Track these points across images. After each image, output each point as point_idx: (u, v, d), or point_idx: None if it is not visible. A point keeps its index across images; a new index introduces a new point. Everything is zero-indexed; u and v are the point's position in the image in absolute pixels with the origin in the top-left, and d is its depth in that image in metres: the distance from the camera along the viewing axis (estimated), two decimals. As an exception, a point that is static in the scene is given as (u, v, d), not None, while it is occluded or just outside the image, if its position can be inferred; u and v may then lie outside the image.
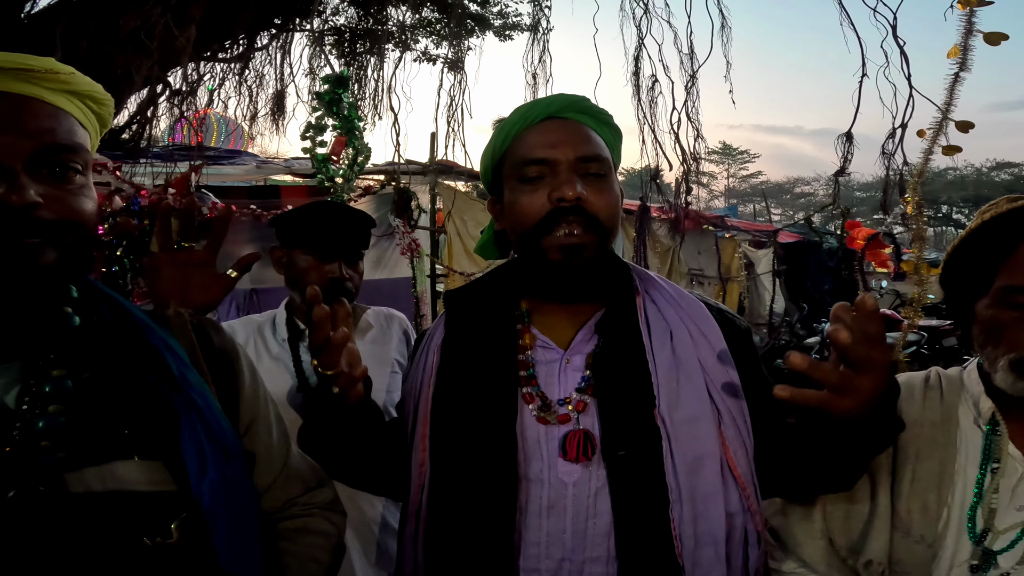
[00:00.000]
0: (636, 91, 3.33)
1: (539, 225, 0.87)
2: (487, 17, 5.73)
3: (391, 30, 5.12)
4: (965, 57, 1.62)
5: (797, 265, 9.13)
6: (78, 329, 0.67)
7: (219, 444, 0.68)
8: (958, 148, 1.73)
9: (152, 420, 0.66)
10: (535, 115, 0.92)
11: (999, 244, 0.87)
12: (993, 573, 0.89)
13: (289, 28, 4.72)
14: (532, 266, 0.92)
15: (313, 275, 1.45)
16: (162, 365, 0.68)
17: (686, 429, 0.86)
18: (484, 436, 0.87)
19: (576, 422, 0.87)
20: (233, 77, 5.32)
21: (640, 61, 3.31)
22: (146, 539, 0.61)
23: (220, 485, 0.66)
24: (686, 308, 0.94)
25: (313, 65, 4.97)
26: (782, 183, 46.82)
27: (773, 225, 9.78)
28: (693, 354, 0.89)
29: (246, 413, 0.79)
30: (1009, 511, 0.90)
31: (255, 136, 6.14)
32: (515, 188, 0.90)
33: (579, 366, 0.91)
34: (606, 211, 0.88)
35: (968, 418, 0.95)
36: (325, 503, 0.87)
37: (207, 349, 0.77)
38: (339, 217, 1.52)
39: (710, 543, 0.84)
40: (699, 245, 7.39)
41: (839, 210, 6.25)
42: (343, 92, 3.45)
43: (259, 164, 5.41)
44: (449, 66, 4.35)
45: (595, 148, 0.90)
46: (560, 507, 0.85)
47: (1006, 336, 0.86)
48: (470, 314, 0.97)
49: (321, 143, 3.54)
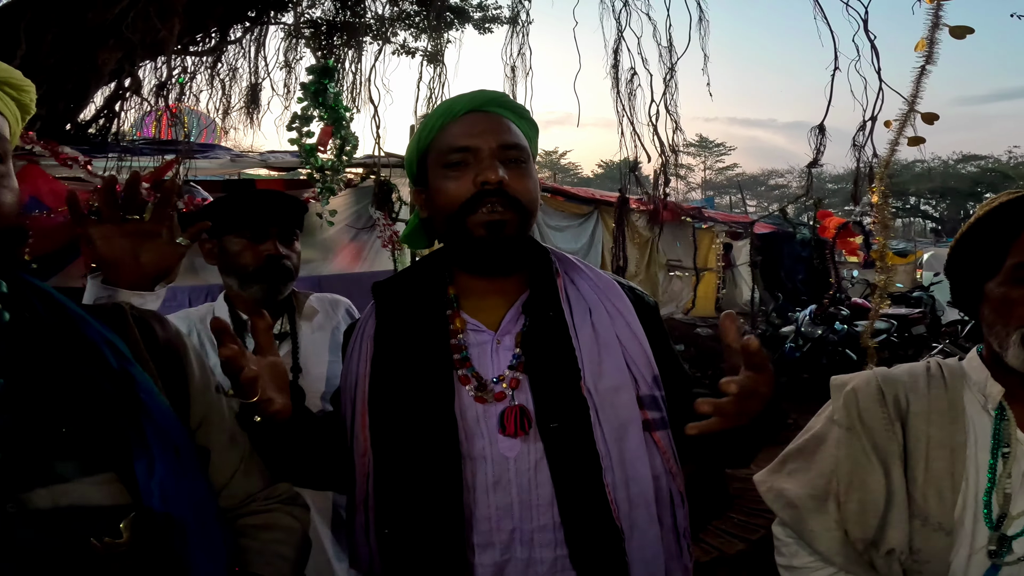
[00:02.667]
0: (615, 84, 3.37)
1: (464, 206, 0.91)
2: (467, 10, 5.71)
3: (369, 23, 5.07)
4: (931, 50, 1.69)
5: (772, 255, 9.30)
6: (8, 325, 0.64)
7: (167, 440, 0.66)
8: (922, 139, 1.80)
9: (93, 418, 0.63)
10: (459, 109, 0.97)
11: (1010, 226, 0.91)
12: (1010, 558, 0.90)
13: (263, 21, 4.64)
14: (458, 245, 0.96)
15: (247, 255, 1.40)
16: (100, 360, 0.65)
17: (610, 398, 0.91)
18: (424, 420, 0.90)
19: (511, 399, 0.91)
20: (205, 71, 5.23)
21: (619, 54, 3.35)
22: (94, 540, 0.59)
23: (171, 483, 0.64)
24: (602, 287, 1.00)
25: (289, 58, 4.90)
26: (757, 175, 47.49)
27: (749, 216, 9.93)
28: (611, 328, 0.95)
29: (197, 408, 0.76)
30: (1021, 496, 0.91)
31: (228, 130, 6.04)
32: (440, 175, 0.95)
33: (509, 346, 0.95)
34: (526, 194, 0.93)
35: (975, 405, 0.97)
36: (286, 497, 0.85)
37: (151, 343, 0.74)
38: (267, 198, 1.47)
39: (642, 504, 0.90)
40: (677, 236, 7.48)
41: (812, 201, 6.39)
42: (328, 82, 3.42)
43: (233, 158, 5.32)
44: (428, 59, 4.33)
45: (515, 138, 0.96)
46: (505, 481, 0.89)
47: (1016, 313, 0.89)
48: (399, 303, 1.00)
49: (308, 134, 3.51)
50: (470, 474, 0.89)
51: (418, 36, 5.77)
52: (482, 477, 0.90)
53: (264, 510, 0.81)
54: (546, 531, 0.89)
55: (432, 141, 0.98)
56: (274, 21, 4.71)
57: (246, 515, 0.80)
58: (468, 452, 0.90)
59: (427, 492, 0.88)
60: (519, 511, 0.89)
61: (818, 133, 2.54)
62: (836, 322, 6.21)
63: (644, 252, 6.61)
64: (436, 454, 0.88)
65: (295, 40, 4.74)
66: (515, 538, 0.89)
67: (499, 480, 0.89)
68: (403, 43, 5.76)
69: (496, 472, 0.90)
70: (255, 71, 5.14)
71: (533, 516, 0.89)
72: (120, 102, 4.48)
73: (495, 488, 0.89)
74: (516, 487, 0.89)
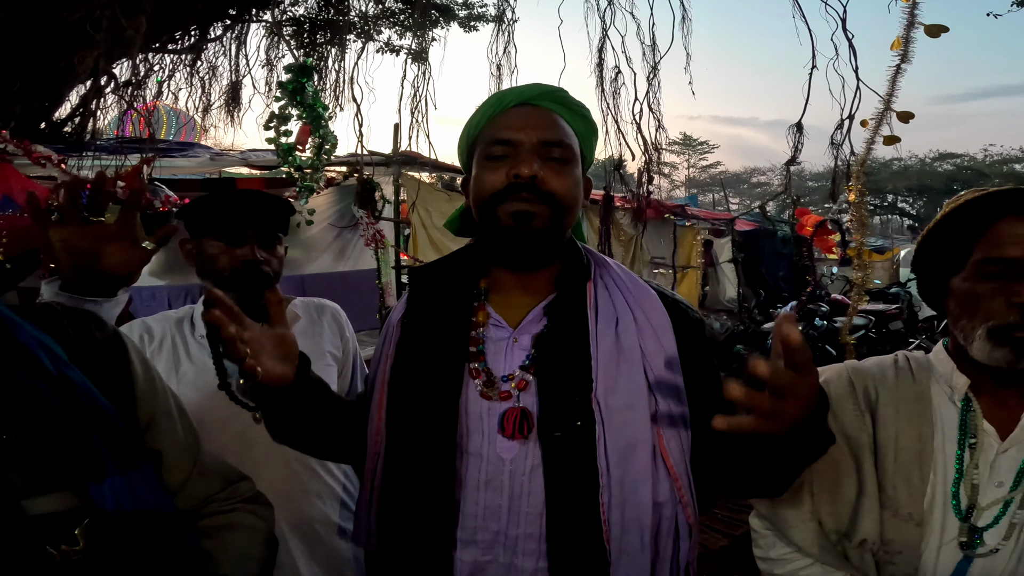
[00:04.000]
0: (600, 82, 3.38)
1: (495, 195, 0.91)
2: (452, 8, 5.69)
3: (353, 21, 5.03)
4: (907, 49, 1.72)
5: (753, 252, 9.41)
6: None
7: (114, 444, 0.64)
8: (898, 138, 1.83)
9: (33, 424, 0.60)
10: (509, 100, 0.96)
11: (975, 224, 0.92)
12: (982, 550, 0.91)
13: (245, 19, 4.58)
14: (489, 234, 0.95)
15: (222, 260, 1.34)
16: (36, 364, 0.62)
17: (620, 415, 0.87)
18: (430, 408, 0.90)
19: (516, 400, 0.89)
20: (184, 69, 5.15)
21: (604, 52, 3.36)
22: (50, 549, 0.58)
23: (123, 486, 0.62)
24: (637, 296, 0.96)
25: (271, 56, 4.85)
26: (740, 173, 47.98)
27: (731, 214, 10.03)
28: (636, 342, 0.91)
29: (144, 409, 0.74)
30: (990, 487, 0.92)
31: (208, 128, 5.96)
32: (481, 165, 0.94)
33: (525, 345, 0.93)
34: (562, 190, 0.91)
35: (942, 396, 0.98)
36: (248, 496, 0.84)
37: (88, 343, 0.71)
38: (245, 199, 1.40)
39: (636, 530, 0.85)
40: (661, 234, 7.54)
41: (791, 200, 6.48)
42: (306, 80, 3.39)
43: (213, 156, 5.25)
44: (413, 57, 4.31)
45: (560, 134, 0.93)
46: (497, 482, 0.88)
47: (982, 307, 0.90)
48: (431, 290, 1.00)
49: (286, 132, 3.47)
50: (464, 469, 0.89)
51: (403, 34, 5.74)
52: (474, 474, 0.89)
53: (226, 510, 0.79)
54: (531, 540, 0.87)
55: (480, 131, 0.98)
56: (256, 19, 4.65)
57: (207, 516, 0.78)
58: (465, 446, 0.89)
59: (422, 480, 0.88)
60: (507, 515, 0.87)
61: (796, 132, 2.57)
62: (816, 318, 6.30)
63: (628, 249, 6.64)
64: (435, 443, 0.88)
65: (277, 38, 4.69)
66: (499, 541, 0.87)
67: (491, 480, 0.88)
68: (387, 41, 5.73)
69: (490, 471, 0.88)
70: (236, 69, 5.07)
71: (520, 522, 0.87)
72: (95, 101, 4.40)
73: (486, 487, 0.88)
74: (508, 490, 0.88)
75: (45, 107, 4.47)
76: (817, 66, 2.48)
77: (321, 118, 3.49)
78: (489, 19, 5.66)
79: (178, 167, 4.84)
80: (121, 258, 0.92)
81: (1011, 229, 0.89)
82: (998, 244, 0.89)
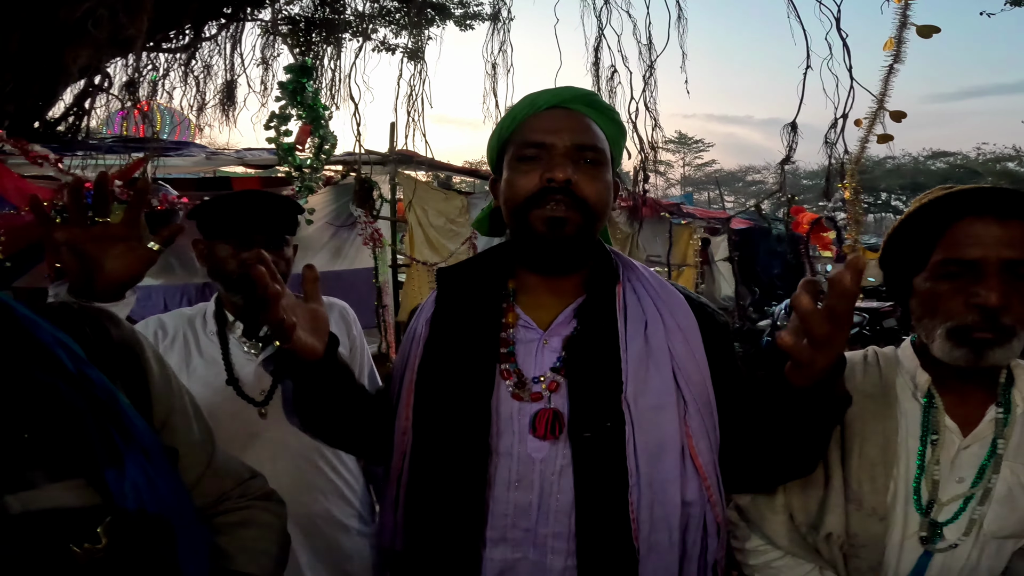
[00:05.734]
0: (596, 81, 3.39)
1: (529, 200, 0.91)
2: (448, 6, 5.68)
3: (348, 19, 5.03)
4: (899, 49, 1.74)
5: (749, 251, 9.45)
6: None
7: (134, 441, 0.64)
8: (891, 137, 1.85)
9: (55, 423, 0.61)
10: (542, 103, 0.96)
11: (936, 224, 0.93)
12: (942, 545, 0.93)
13: (240, 18, 4.57)
14: (520, 238, 0.96)
15: (231, 263, 1.39)
16: (56, 363, 0.63)
17: (650, 416, 0.88)
18: (461, 408, 0.91)
19: (547, 401, 0.91)
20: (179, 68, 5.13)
21: (600, 52, 3.37)
22: (74, 547, 0.58)
23: (144, 483, 0.63)
24: (664, 299, 0.97)
25: (266, 55, 4.84)
26: (735, 171, 48.10)
27: (727, 212, 10.07)
28: (664, 344, 0.92)
29: (160, 407, 0.74)
30: (950, 483, 0.94)
31: (203, 127, 5.94)
32: (513, 167, 0.95)
33: (556, 347, 0.94)
34: (595, 196, 0.92)
35: (906, 392, 0.99)
36: (261, 493, 0.84)
37: (105, 342, 0.72)
38: (254, 203, 1.44)
39: (665, 529, 0.87)
40: (657, 232, 7.57)
41: (786, 198, 6.51)
42: (306, 81, 3.40)
43: (209, 155, 5.23)
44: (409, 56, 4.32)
45: (592, 138, 0.94)
46: (527, 482, 0.89)
47: (942, 307, 0.91)
48: (460, 291, 1.01)
49: (286, 132, 3.48)
50: (494, 468, 0.90)
51: (398, 32, 5.74)
52: (504, 473, 0.90)
53: (240, 507, 0.80)
54: (560, 538, 0.88)
55: (512, 133, 0.98)
56: (251, 18, 4.64)
57: (221, 513, 0.79)
58: (496, 447, 0.90)
59: (452, 479, 0.89)
60: (536, 514, 0.88)
61: (790, 131, 2.59)
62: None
63: (625, 247, 6.67)
64: (465, 443, 0.89)
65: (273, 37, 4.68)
66: (528, 539, 0.89)
67: (522, 479, 0.89)
68: (383, 40, 5.72)
69: (520, 471, 0.89)
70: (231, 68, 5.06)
71: (550, 521, 0.88)
72: (90, 99, 4.38)
73: (517, 487, 0.89)
74: (538, 489, 0.89)
75: (39, 106, 4.45)
76: (811, 66, 2.50)
77: (321, 118, 3.50)
78: (485, 18, 5.65)
79: (174, 166, 4.83)
80: (128, 259, 0.92)
81: (971, 230, 0.90)
82: (957, 245, 0.90)
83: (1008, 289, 0.86)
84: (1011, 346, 0.88)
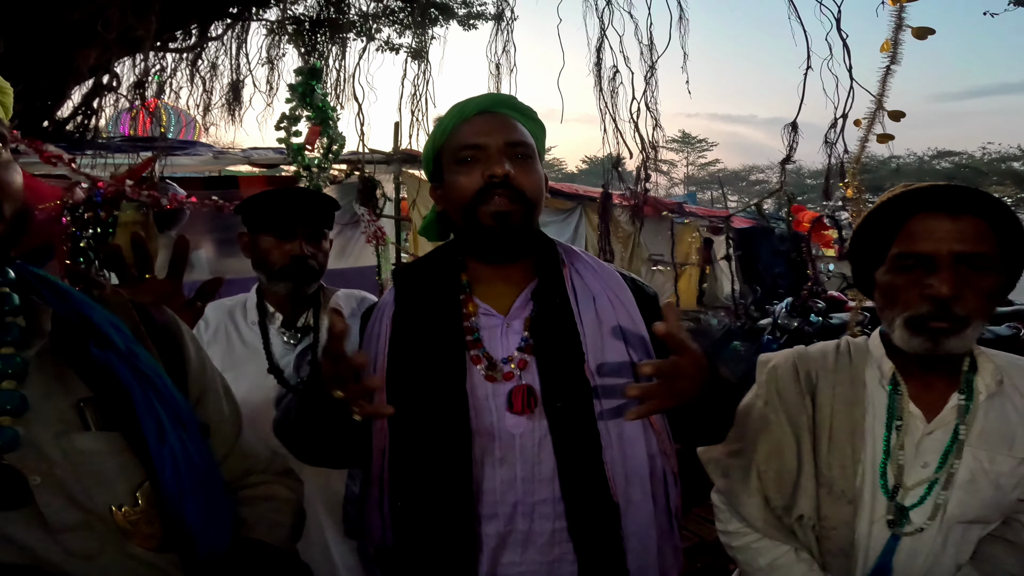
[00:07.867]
0: (598, 81, 3.43)
1: (474, 198, 0.98)
2: (451, 6, 5.71)
3: (353, 19, 5.06)
4: (896, 51, 1.77)
5: (750, 250, 9.43)
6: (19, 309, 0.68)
7: (174, 414, 0.70)
8: (891, 136, 1.88)
9: (105, 393, 0.67)
10: (469, 111, 1.04)
11: (894, 220, 0.99)
12: (909, 528, 0.97)
13: (245, 18, 4.62)
14: (470, 234, 1.03)
15: (275, 254, 1.48)
16: (108, 341, 0.69)
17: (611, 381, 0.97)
18: (438, 397, 0.95)
19: (519, 378, 0.98)
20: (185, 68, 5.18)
21: (602, 52, 3.40)
22: (113, 507, 0.64)
23: (181, 453, 0.68)
24: (605, 277, 1.06)
25: (272, 55, 4.88)
26: (738, 170, 47.87)
27: (729, 211, 10.07)
28: (613, 316, 1.01)
29: (195, 385, 0.81)
30: (915, 468, 0.98)
31: (209, 126, 5.99)
32: (453, 171, 1.02)
33: (518, 329, 1.01)
34: (531, 187, 1.00)
35: (874, 379, 1.04)
36: (282, 471, 0.91)
37: (150, 326, 0.79)
38: (296, 197, 1.54)
39: (637, 481, 0.96)
40: (659, 231, 7.58)
41: (787, 197, 6.52)
42: (316, 83, 3.46)
43: (216, 154, 5.29)
44: (413, 55, 4.35)
45: (521, 136, 1.03)
46: (511, 456, 0.95)
47: (900, 298, 0.97)
48: (417, 288, 1.06)
49: (296, 133, 3.55)
50: (479, 449, 0.95)
51: (402, 32, 5.77)
52: (489, 451, 0.95)
53: (263, 482, 0.87)
54: (546, 504, 0.95)
55: (446, 141, 1.05)
56: (256, 18, 4.68)
57: (246, 487, 0.85)
58: (477, 428, 0.95)
59: (439, 466, 0.94)
60: (522, 485, 0.95)
61: (791, 130, 2.62)
62: (812, 314, 6.34)
63: (627, 246, 6.69)
64: (448, 429, 0.94)
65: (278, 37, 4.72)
66: (517, 510, 0.95)
67: (505, 455, 0.95)
68: (387, 39, 5.76)
69: (503, 447, 0.95)
70: (236, 68, 5.11)
71: (535, 490, 0.95)
72: (98, 99, 4.43)
73: (501, 462, 0.95)
74: (520, 462, 0.95)
75: (48, 106, 4.50)
76: (812, 66, 2.53)
77: (329, 119, 3.56)
78: (488, 17, 5.68)
79: (181, 165, 4.89)
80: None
81: (923, 225, 0.95)
82: (912, 239, 0.96)
83: (959, 281, 0.92)
84: (966, 334, 0.93)
